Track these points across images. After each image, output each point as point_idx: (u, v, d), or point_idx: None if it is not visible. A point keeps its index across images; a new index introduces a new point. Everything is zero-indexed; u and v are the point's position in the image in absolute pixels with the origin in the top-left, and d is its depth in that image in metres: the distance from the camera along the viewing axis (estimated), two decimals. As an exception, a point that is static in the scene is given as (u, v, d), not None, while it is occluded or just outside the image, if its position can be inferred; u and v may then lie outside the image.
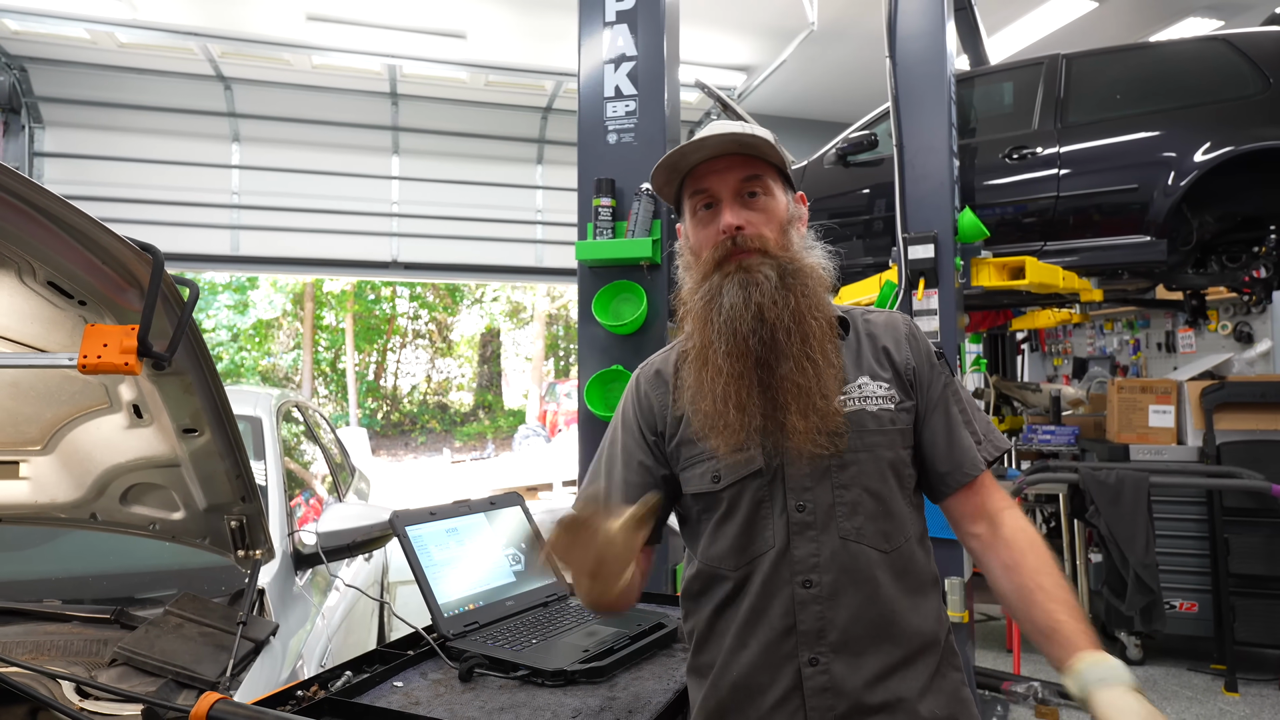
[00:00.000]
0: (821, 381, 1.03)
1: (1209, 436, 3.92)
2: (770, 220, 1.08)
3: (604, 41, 2.69)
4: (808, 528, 1.04)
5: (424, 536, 1.53)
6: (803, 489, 1.04)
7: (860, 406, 1.07)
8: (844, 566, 1.03)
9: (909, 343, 1.14)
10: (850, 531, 1.04)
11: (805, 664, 1.02)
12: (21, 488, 1.55)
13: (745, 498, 1.06)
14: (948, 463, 1.11)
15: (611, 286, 2.57)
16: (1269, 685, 3.61)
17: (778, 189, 1.11)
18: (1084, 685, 0.90)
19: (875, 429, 1.07)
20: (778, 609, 1.03)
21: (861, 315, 1.17)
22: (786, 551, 1.04)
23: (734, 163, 1.08)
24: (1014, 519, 1.09)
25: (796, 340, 1.03)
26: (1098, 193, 3.89)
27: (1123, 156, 3.85)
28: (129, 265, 1.16)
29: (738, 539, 1.07)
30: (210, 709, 0.99)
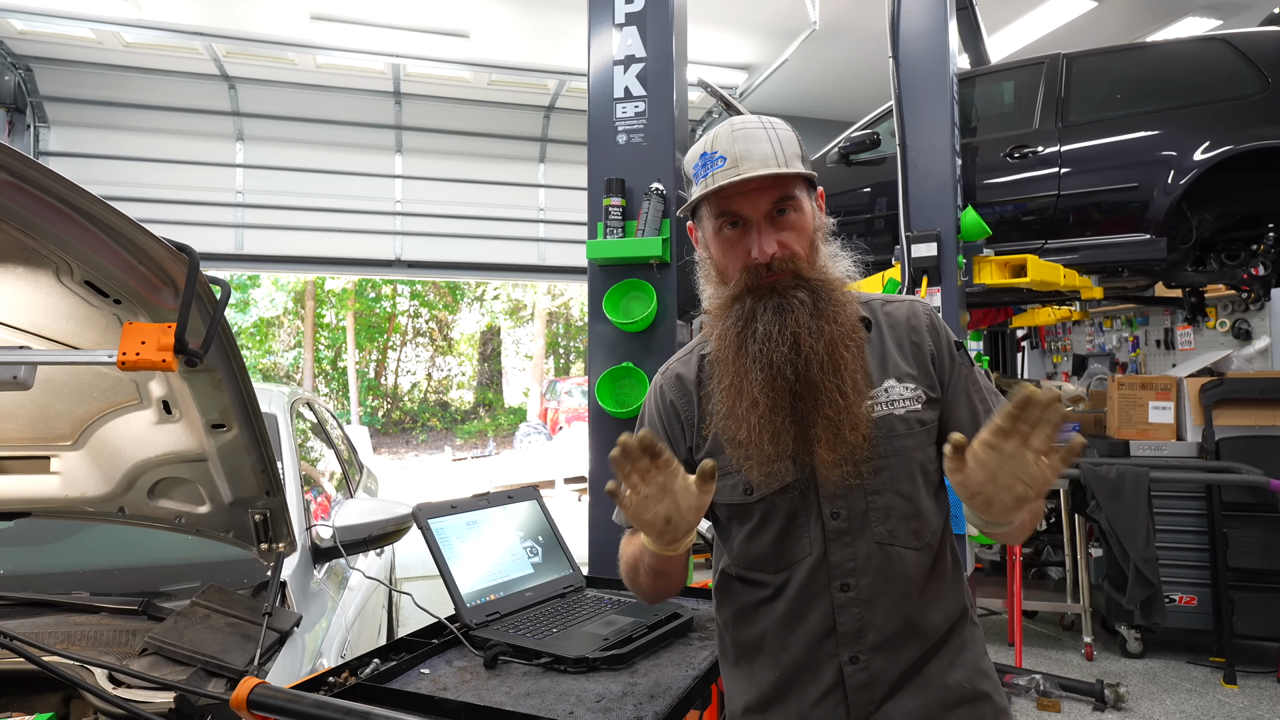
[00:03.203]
0: (852, 415, 1.03)
1: (1208, 432, 3.96)
2: (801, 237, 1.07)
3: (613, 43, 2.71)
4: (843, 534, 1.06)
5: (445, 529, 1.56)
6: (836, 497, 1.06)
7: (888, 411, 1.08)
8: (880, 569, 1.05)
9: (930, 333, 1.13)
10: (884, 535, 1.06)
11: (846, 662, 1.05)
12: (53, 482, 1.59)
13: (779, 509, 1.08)
14: None
15: (622, 285, 2.59)
16: (1267, 678, 3.65)
17: (806, 200, 1.09)
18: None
19: (904, 433, 1.08)
20: (817, 612, 1.06)
21: (882, 307, 1.16)
22: (824, 558, 1.06)
23: (765, 183, 1.05)
24: None
25: (830, 373, 1.03)
26: (1098, 191, 3.93)
27: (1123, 155, 3.88)
28: (164, 265, 1.19)
29: (774, 547, 1.09)
30: (250, 693, 1.02)
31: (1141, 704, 3.42)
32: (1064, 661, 3.95)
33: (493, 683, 1.24)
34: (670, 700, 1.17)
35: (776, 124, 1.10)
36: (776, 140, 1.07)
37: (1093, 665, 3.88)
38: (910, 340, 1.12)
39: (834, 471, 1.03)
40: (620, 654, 1.31)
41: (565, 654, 1.29)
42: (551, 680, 1.25)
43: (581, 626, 1.45)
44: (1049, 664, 3.90)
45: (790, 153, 1.07)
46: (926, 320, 1.14)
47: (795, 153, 1.08)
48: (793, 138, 1.10)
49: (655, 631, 1.43)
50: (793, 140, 1.09)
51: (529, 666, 1.30)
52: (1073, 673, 3.72)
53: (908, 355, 1.12)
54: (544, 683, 1.24)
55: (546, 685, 1.22)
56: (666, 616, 1.50)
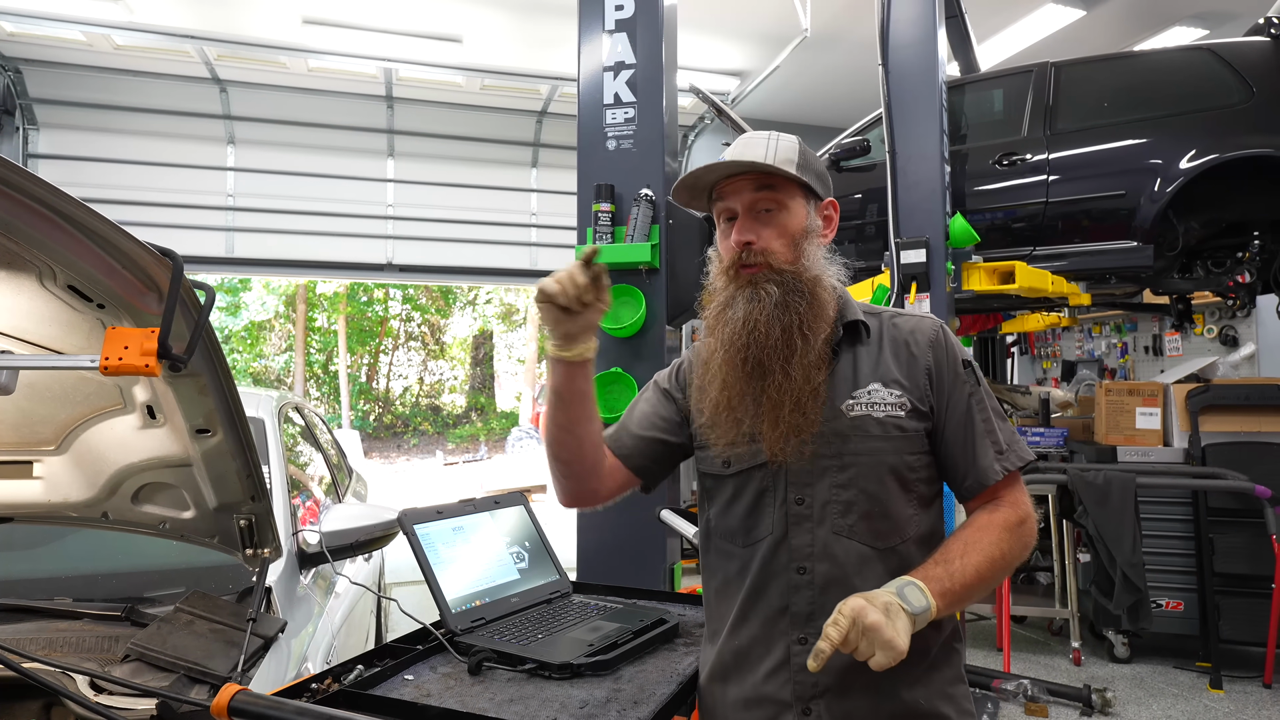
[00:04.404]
0: (794, 394, 1.10)
1: (1194, 438, 3.99)
2: (781, 234, 1.15)
3: (603, 49, 2.72)
4: (804, 520, 1.13)
5: (431, 534, 1.55)
6: (803, 484, 1.13)
7: (866, 412, 1.12)
8: (835, 559, 1.11)
9: (933, 349, 1.16)
10: (843, 528, 1.11)
11: (794, 642, 1.12)
12: (35, 487, 1.58)
13: (750, 486, 1.17)
14: (966, 471, 1.14)
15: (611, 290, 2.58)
16: (1253, 683, 3.68)
17: (794, 202, 1.16)
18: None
19: (879, 434, 1.12)
20: (774, 590, 1.14)
21: (890, 318, 1.20)
22: (784, 539, 1.14)
23: (751, 179, 1.15)
24: (1004, 509, 1.12)
25: (780, 356, 1.11)
26: (1086, 199, 3.97)
27: (1110, 163, 3.92)
28: (148, 269, 1.19)
29: (743, 521, 1.18)
30: (231, 699, 1.02)
31: (1129, 709, 3.44)
32: (1052, 666, 3.97)
33: (477, 689, 1.23)
34: (654, 706, 1.17)
35: (783, 137, 1.18)
36: (774, 147, 1.15)
37: (1080, 670, 3.90)
38: (909, 352, 1.16)
39: (777, 447, 1.11)
40: (605, 660, 1.31)
41: (550, 660, 1.29)
42: (536, 686, 1.24)
43: (567, 632, 1.44)
44: (1037, 669, 3.92)
45: (782, 157, 1.14)
46: (930, 336, 1.17)
47: (789, 159, 1.14)
48: (793, 146, 1.17)
49: (641, 637, 1.43)
50: (791, 148, 1.16)
51: (514, 673, 1.30)
52: (1060, 678, 3.74)
53: (902, 365, 1.15)
54: (528, 689, 1.23)
55: (531, 691, 1.22)
56: (652, 623, 1.50)
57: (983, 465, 1.13)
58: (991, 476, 1.13)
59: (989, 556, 1.07)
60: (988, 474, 1.13)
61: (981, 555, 1.06)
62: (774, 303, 1.11)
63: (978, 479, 1.14)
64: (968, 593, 1.05)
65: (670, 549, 2.55)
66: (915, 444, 1.14)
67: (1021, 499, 1.14)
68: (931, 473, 1.17)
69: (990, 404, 1.17)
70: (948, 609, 1.03)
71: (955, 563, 1.05)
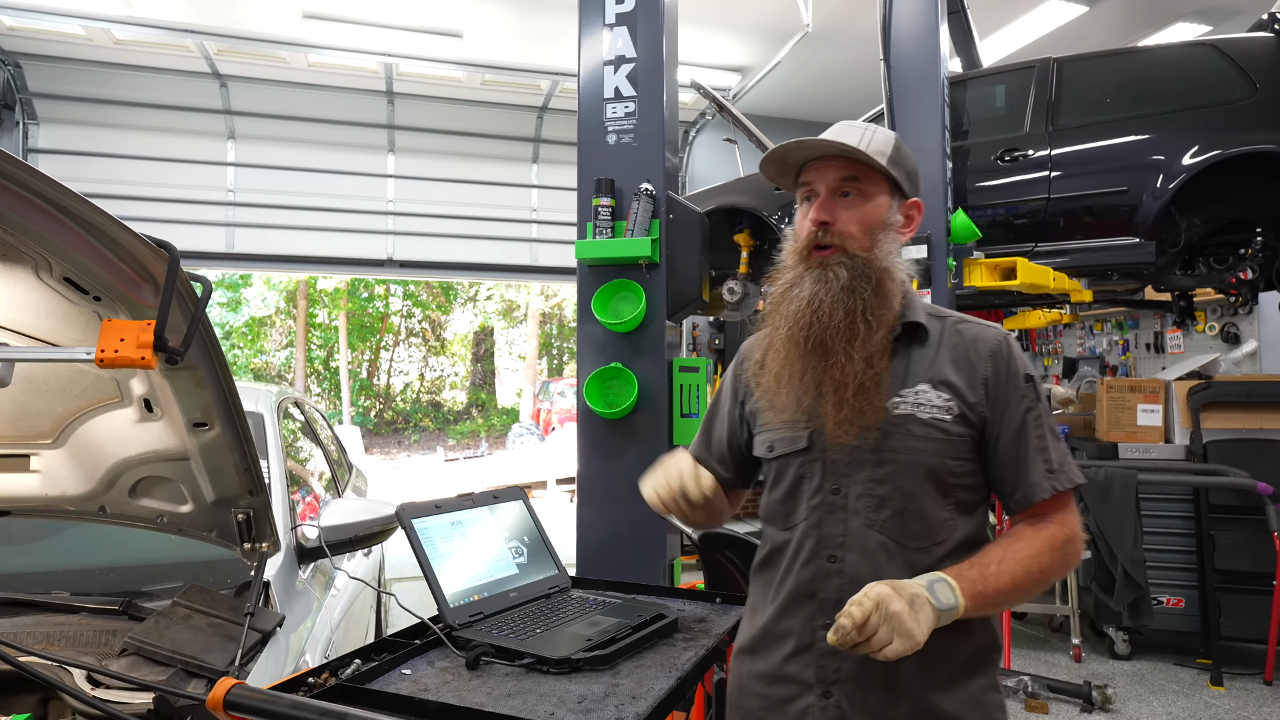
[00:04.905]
0: (857, 379, 1.11)
1: (1196, 435, 3.98)
2: (860, 221, 1.16)
3: (604, 43, 2.71)
4: (838, 509, 1.15)
5: (429, 529, 1.55)
6: (840, 475, 1.15)
7: (911, 411, 1.13)
8: (865, 551, 1.13)
9: (993, 359, 1.15)
10: (875, 522, 1.13)
11: (820, 627, 1.13)
12: (32, 480, 1.57)
13: (790, 471, 1.20)
14: (1015, 485, 1.14)
15: (611, 285, 2.59)
16: (1254, 679, 3.67)
17: (878, 194, 1.17)
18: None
19: (920, 435, 1.12)
20: (805, 574, 1.17)
21: (955, 324, 1.20)
22: (818, 527, 1.16)
23: (839, 162, 1.17)
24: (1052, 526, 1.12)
25: (843, 339, 1.12)
26: (1088, 195, 3.95)
27: (1112, 159, 3.90)
28: (144, 262, 1.18)
29: (782, 505, 1.22)
30: (227, 693, 1.01)
31: (1129, 705, 3.43)
32: (1052, 663, 3.97)
33: (474, 683, 1.23)
34: (652, 701, 1.16)
35: (880, 129, 1.19)
36: (869, 137, 1.17)
37: (1081, 667, 3.89)
38: (967, 360, 1.16)
39: (838, 430, 1.12)
40: (603, 655, 1.31)
41: (548, 654, 1.29)
42: (534, 681, 1.24)
43: (565, 627, 1.44)
44: (1037, 665, 3.92)
45: (875, 148, 1.15)
46: (992, 347, 1.16)
47: (881, 150, 1.15)
48: (888, 140, 1.18)
49: (639, 632, 1.42)
50: (886, 142, 1.17)
51: (511, 667, 1.29)
52: (1061, 674, 3.73)
53: (958, 371, 1.15)
54: (526, 683, 1.23)
55: (528, 686, 1.22)
56: (651, 617, 1.49)
57: (1032, 481, 1.13)
58: (1039, 493, 1.13)
59: (1027, 569, 1.07)
60: (1036, 490, 1.13)
61: (1019, 566, 1.07)
62: (840, 286, 1.13)
63: (1026, 494, 1.13)
64: (999, 599, 1.06)
65: (670, 544, 2.55)
66: (958, 449, 1.13)
67: (1070, 519, 1.14)
68: (975, 480, 1.16)
69: (1048, 422, 1.16)
70: (975, 611, 1.04)
71: (991, 568, 1.06)
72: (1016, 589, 1.06)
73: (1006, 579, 1.06)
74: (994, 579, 1.05)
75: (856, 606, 0.97)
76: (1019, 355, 1.17)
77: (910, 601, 0.98)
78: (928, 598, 0.99)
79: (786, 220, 4.71)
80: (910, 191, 1.21)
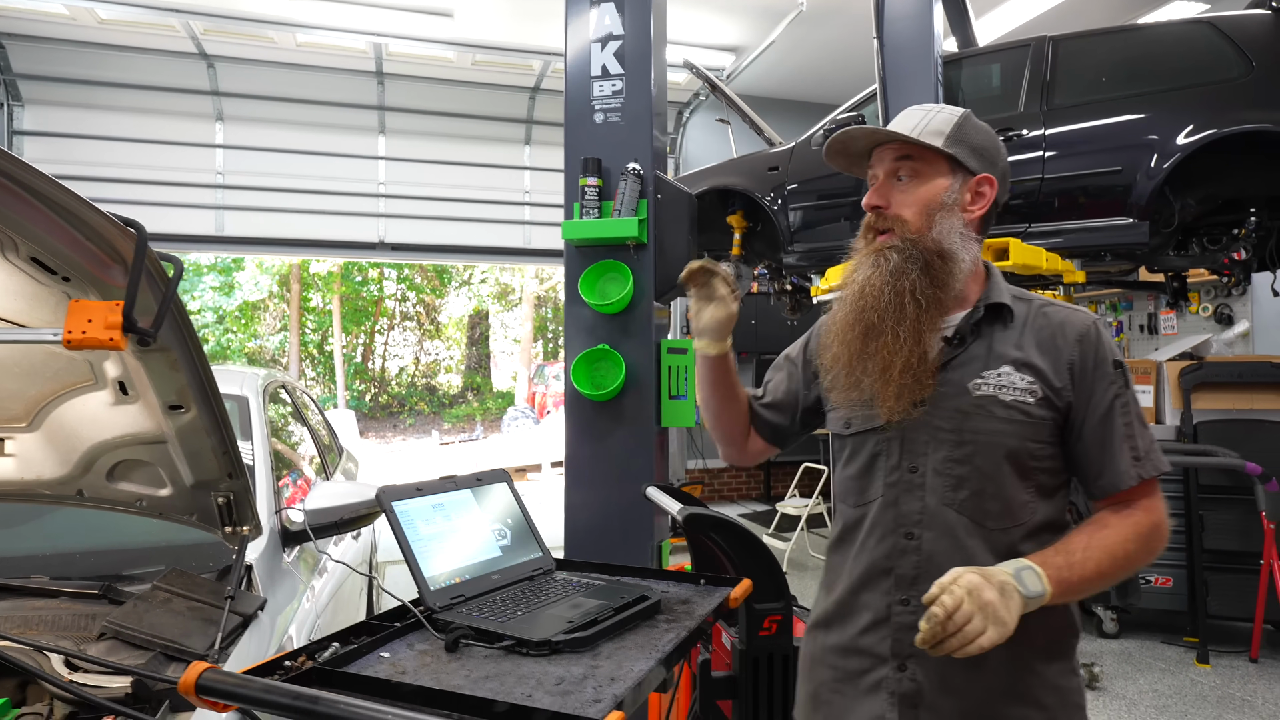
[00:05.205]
0: (904, 356, 1.15)
1: (1186, 415, 3.99)
2: (913, 203, 1.20)
3: (591, 21, 2.67)
4: (915, 488, 1.18)
5: (410, 511, 1.53)
6: (918, 453, 1.18)
7: (993, 393, 1.15)
8: (942, 529, 1.15)
9: (1080, 344, 1.16)
10: (952, 500, 1.15)
11: (897, 602, 1.17)
12: (7, 464, 1.56)
13: (866, 448, 1.24)
14: (1101, 471, 1.15)
15: (598, 266, 2.57)
16: (1239, 657, 3.70)
17: (935, 174, 1.20)
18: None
19: (1001, 417, 1.14)
20: (881, 551, 1.20)
21: (1041, 307, 1.21)
22: (895, 504, 1.19)
23: (894, 146, 1.21)
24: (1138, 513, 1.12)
25: (891, 319, 1.16)
26: (1082, 175, 3.92)
27: (1107, 139, 3.87)
28: (113, 241, 1.16)
29: (858, 481, 1.25)
30: (199, 677, 1.00)
31: (1115, 683, 3.46)
32: (1041, 643, 3.99)
33: (453, 666, 1.22)
34: (630, 682, 1.16)
35: (945, 109, 1.22)
36: (928, 120, 1.20)
37: (1070, 646, 3.92)
38: (1053, 343, 1.17)
39: (890, 406, 1.16)
40: (583, 637, 1.30)
41: (528, 636, 1.28)
42: (513, 663, 1.23)
43: (547, 610, 1.43)
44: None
45: (931, 129, 1.19)
46: (1080, 331, 1.17)
47: (939, 130, 1.19)
48: (950, 119, 1.20)
49: (621, 614, 1.41)
50: (947, 121, 1.20)
51: (491, 650, 1.28)
52: (1050, 654, 3.75)
53: (1043, 354, 1.16)
54: (505, 665, 1.22)
55: (507, 668, 1.21)
56: (634, 599, 1.48)
57: (1119, 468, 1.13)
58: (1126, 481, 1.13)
59: (1112, 555, 1.08)
60: (1123, 478, 1.13)
61: (1104, 553, 1.08)
62: (890, 269, 1.17)
63: (1112, 481, 1.14)
64: (1084, 586, 1.07)
65: (658, 527, 2.54)
66: (1039, 432, 1.14)
67: (1156, 506, 1.15)
68: (1057, 464, 1.17)
69: (1135, 410, 1.16)
70: (1061, 598, 1.04)
71: (1077, 554, 1.06)
72: (1101, 576, 1.07)
73: (1092, 566, 1.06)
74: (1079, 566, 1.06)
75: (948, 595, 0.97)
76: (1108, 341, 1.18)
77: (1000, 589, 0.99)
78: (1015, 585, 1.00)
79: (779, 202, 4.69)
80: (979, 167, 1.21)
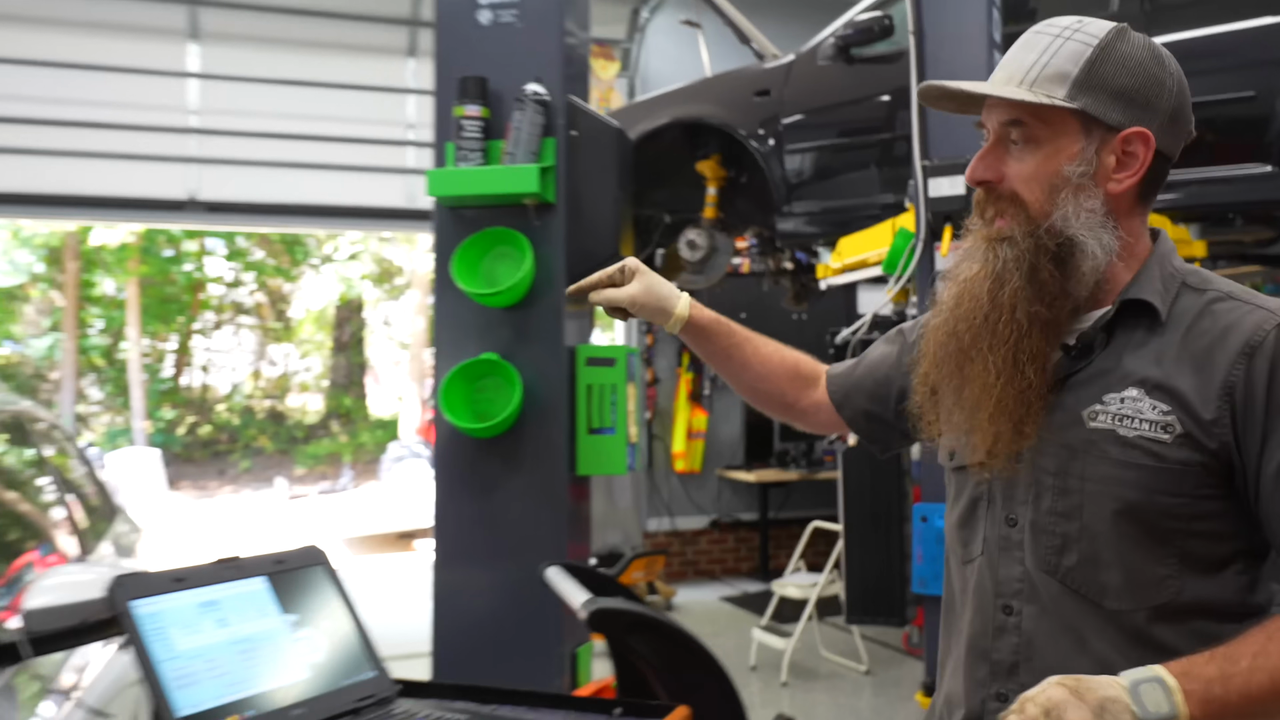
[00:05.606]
0: (996, 397, 1.21)
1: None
2: (1027, 177, 1.24)
3: None
4: (1015, 547, 1.26)
5: (163, 614, 1.48)
6: (1018, 501, 1.26)
7: (1110, 426, 1.18)
8: (1045, 604, 1.23)
9: (1249, 358, 1.14)
10: (1055, 567, 1.22)
11: (991, 697, 1.26)
12: None
13: (967, 489, 1.35)
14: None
15: (481, 237, 2.58)
16: None
17: (1055, 135, 1.23)
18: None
19: (1117, 459, 1.17)
20: (978, 626, 1.29)
21: (1213, 301, 1.21)
22: (993, 567, 1.28)
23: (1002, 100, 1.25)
24: None
25: (985, 341, 1.22)
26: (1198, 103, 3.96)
27: (1232, 51, 3.95)
28: None
29: (960, 531, 1.36)
30: None
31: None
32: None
33: None
34: None
35: (1076, 36, 1.24)
36: (1045, 57, 1.23)
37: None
38: (1209, 356, 1.16)
39: (980, 454, 1.26)
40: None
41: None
42: None
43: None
44: None
45: (1051, 72, 1.21)
46: (1248, 338, 1.15)
47: (1060, 73, 1.21)
48: (1078, 54, 1.22)
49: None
50: (1074, 57, 1.21)
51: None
52: None
53: (1197, 371, 1.17)
54: None
55: None
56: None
57: None
58: None
59: None
60: None
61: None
62: (994, 271, 1.23)
63: None
64: (1249, 709, 1.04)
65: (571, 625, 2.53)
66: (1180, 483, 1.15)
67: None
68: (1221, 527, 1.18)
69: None
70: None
71: (1242, 663, 1.04)
72: (1278, 698, 1.04)
73: (1263, 680, 1.03)
74: (1241, 680, 1.03)
75: (1016, 716, 1.01)
76: None
77: (1099, 710, 0.99)
78: (1128, 703, 1.00)
79: (772, 142, 4.70)
80: (1124, 119, 1.21)
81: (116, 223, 13.55)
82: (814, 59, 4.67)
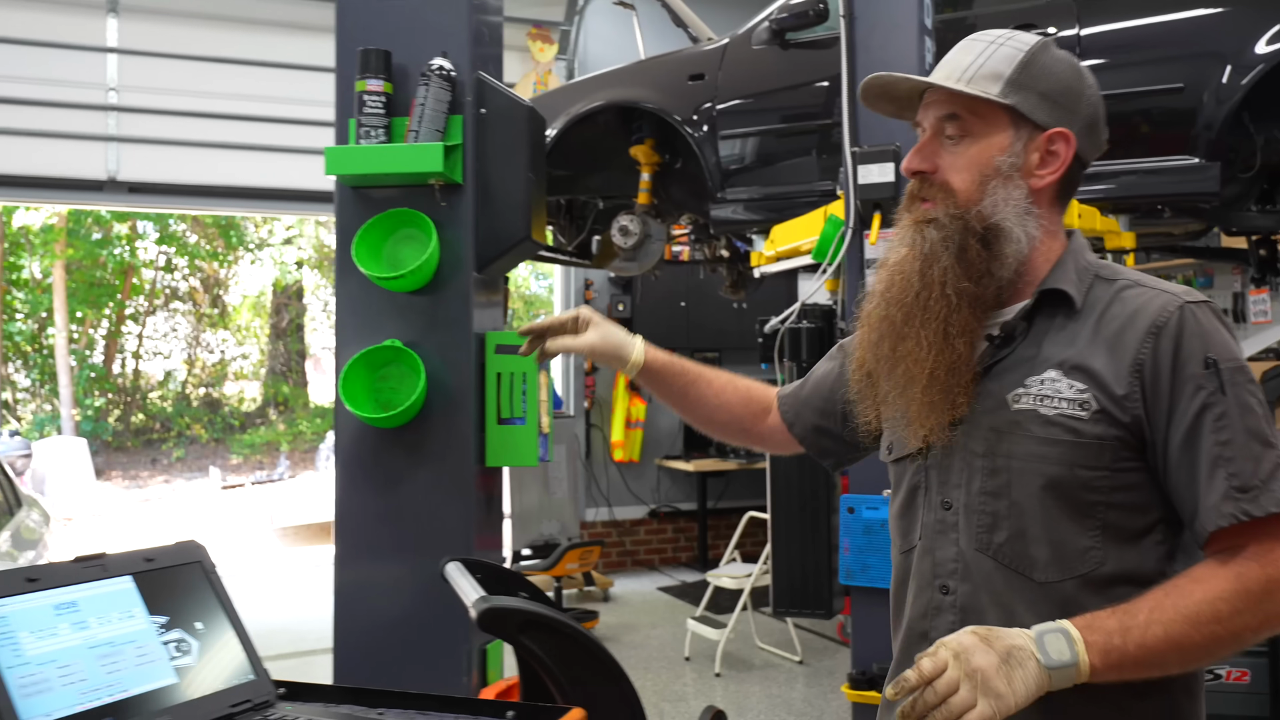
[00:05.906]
0: (927, 371, 1.31)
1: (1272, 439, 4.12)
2: (961, 167, 1.36)
3: None
4: (950, 529, 1.35)
5: (12, 617, 1.39)
6: (952, 485, 1.36)
7: (1033, 406, 1.28)
8: (979, 581, 1.31)
9: (1155, 337, 1.24)
10: (987, 544, 1.31)
11: None
12: None
13: (905, 479, 1.45)
14: (1191, 510, 1.22)
15: (384, 218, 2.54)
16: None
17: (992, 131, 1.36)
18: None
19: (1040, 436, 1.27)
20: (918, 609, 1.39)
21: (1123, 289, 1.32)
22: (931, 551, 1.38)
23: (941, 95, 1.38)
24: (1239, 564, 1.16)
25: (917, 319, 1.32)
26: (1128, 94, 3.99)
27: (1161, 43, 3.97)
28: None
29: (900, 521, 1.47)
30: None
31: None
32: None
33: None
34: None
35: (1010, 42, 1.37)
36: (984, 58, 1.36)
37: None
38: (1120, 337, 1.27)
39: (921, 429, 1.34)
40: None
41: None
42: None
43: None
44: None
45: (986, 71, 1.35)
46: (1154, 319, 1.25)
47: (994, 72, 1.34)
48: (1012, 57, 1.35)
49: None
50: (1008, 60, 1.34)
51: None
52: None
53: (1110, 352, 1.27)
54: None
55: None
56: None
57: (1207, 504, 1.19)
58: (1214, 520, 1.18)
59: (1194, 619, 1.13)
60: (1211, 515, 1.18)
61: (1182, 616, 1.13)
62: (922, 252, 1.33)
63: (1201, 521, 1.20)
64: (1147, 659, 1.13)
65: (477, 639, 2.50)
66: (1098, 456, 1.24)
67: (1275, 555, 1.17)
68: (1139, 499, 1.27)
69: (1242, 422, 1.20)
70: (1111, 673, 1.13)
71: (1140, 616, 1.14)
72: (1178, 647, 1.13)
73: (1159, 632, 1.12)
74: (1138, 630, 1.12)
75: (929, 659, 1.09)
76: (1196, 332, 1.23)
77: (1005, 655, 1.09)
78: (1033, 651, 1.10)
79: (706, 127, 4.65)
80: (1049, 119, 1.34)
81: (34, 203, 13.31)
82: (748, 43, 4.62)
